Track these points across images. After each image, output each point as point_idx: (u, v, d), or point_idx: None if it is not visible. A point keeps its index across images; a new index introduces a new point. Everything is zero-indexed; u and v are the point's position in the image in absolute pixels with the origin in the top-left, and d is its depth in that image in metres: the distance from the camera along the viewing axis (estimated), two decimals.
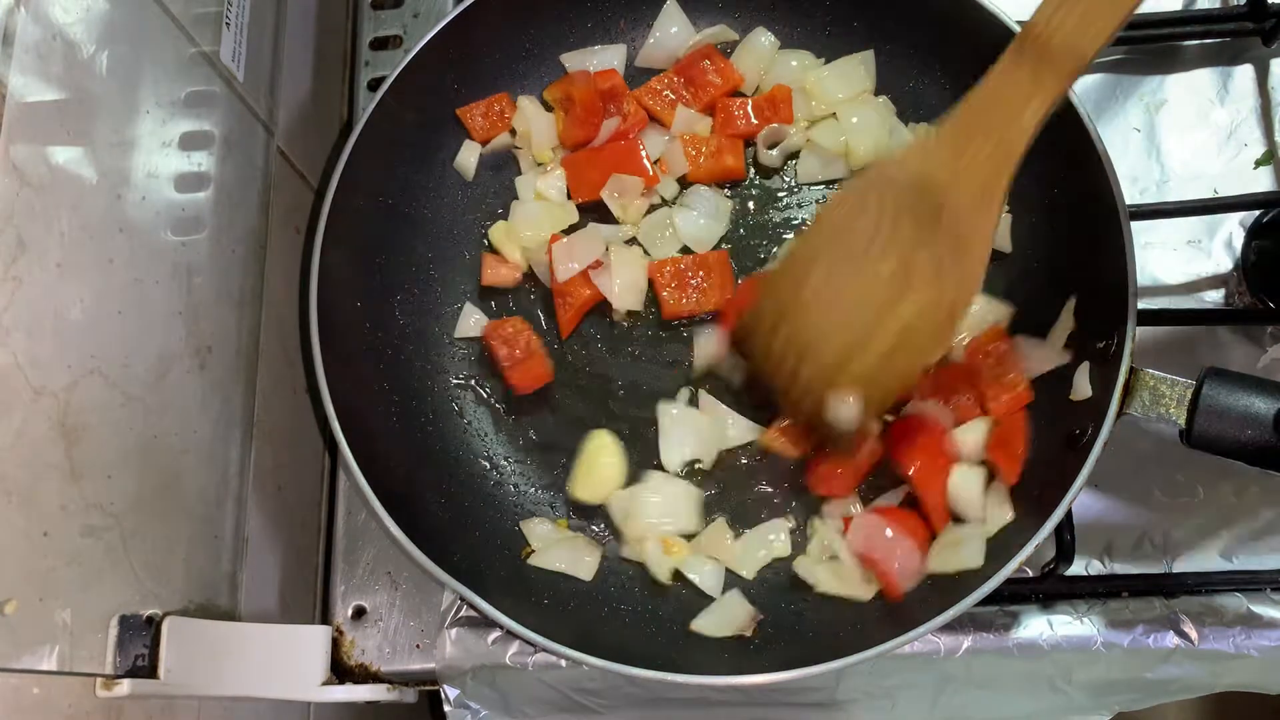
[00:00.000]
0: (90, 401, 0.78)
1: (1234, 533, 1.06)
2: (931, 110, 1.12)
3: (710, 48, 1.15)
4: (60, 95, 0.77)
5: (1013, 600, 1.04)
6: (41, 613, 0.72)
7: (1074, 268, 1.01)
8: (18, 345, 0.71)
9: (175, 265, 0.92)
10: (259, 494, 1.05)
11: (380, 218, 1.10)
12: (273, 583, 1.08)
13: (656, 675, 0.89)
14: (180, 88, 0.94)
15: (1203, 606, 1.02)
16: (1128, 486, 1.07)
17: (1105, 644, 1.01)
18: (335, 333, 1.01)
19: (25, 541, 0.71)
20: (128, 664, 0.80)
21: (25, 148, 0.72)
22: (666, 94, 1.15)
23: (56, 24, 0.77)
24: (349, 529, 1.13)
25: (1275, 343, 1.09)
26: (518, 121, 1.16)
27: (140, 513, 0.84)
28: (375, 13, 1.28)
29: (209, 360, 0.97)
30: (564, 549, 1.04)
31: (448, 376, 1.12)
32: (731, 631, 0.99)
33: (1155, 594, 1.03)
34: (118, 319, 0.83)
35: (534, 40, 1.17)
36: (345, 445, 0.96)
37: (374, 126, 1.06)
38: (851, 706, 1.07)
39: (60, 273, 0.75)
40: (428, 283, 1.13)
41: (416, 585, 1.10)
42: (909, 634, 0.87)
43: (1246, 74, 1.18)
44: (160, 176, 0.90)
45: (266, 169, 1.11)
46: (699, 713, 1.08)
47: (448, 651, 1.05)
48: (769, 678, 0.90)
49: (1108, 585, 1.04)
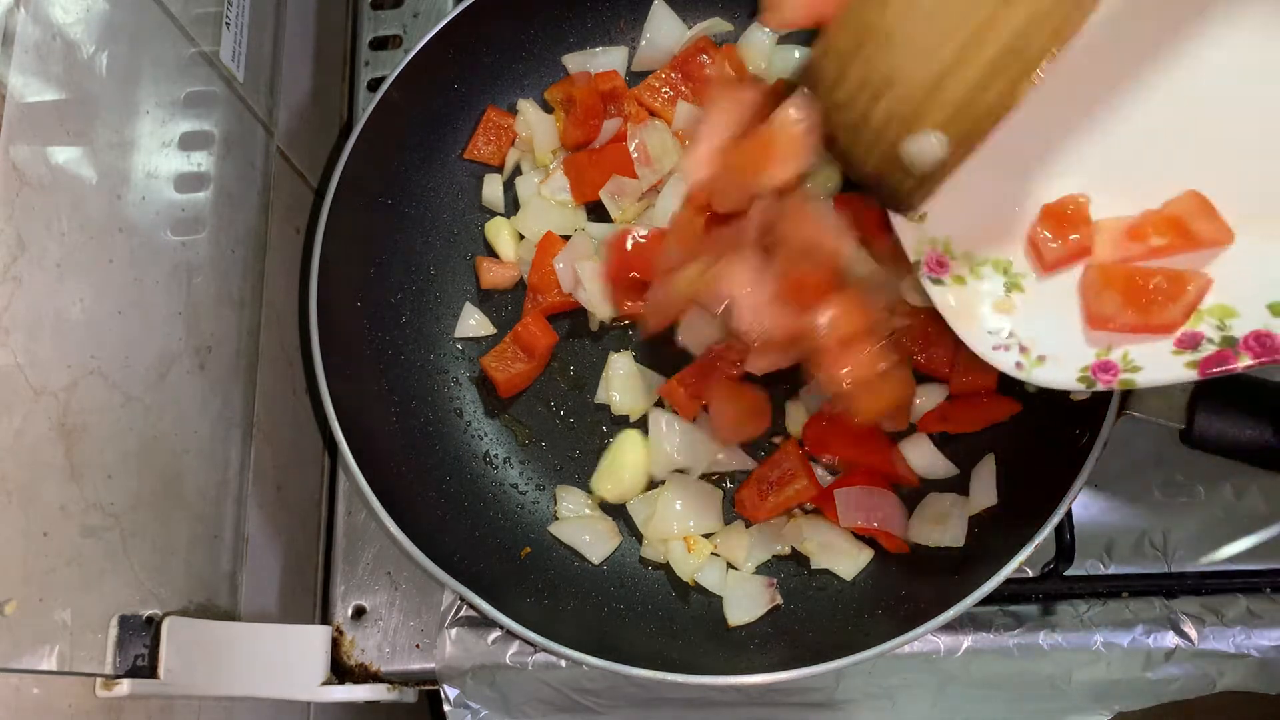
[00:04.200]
0: (90, 401, 0.78)
1: (1234, 533, 1.06)
2: None
3: (706, 40, 1.15)
4: (60, 95, 0.77)
5: (1013, 600, 1.04)
6: (41, 613, 0.72)
7: None
8: (18, 345, 0.71)
9: (175, 265, 0.92)
10: (259, 494, 1.05)
11: (380, 218, 1.10)
12: (273, 583, 1.08)
13: (656, 675, 0.89)
14: (180, 88, 0.94)
15: (1203, 606, 1.02)
16: (1128, 486, 1.07)
17: (1105, 644, 1.01)
18: (335, 333, 1.01)
19: (25, 541, 0.71)
20: (128, 664, 0.79)
21: (25, 148, 0.72)
22: (665, 91, 1.15)
23: (56, 24, 0.77)
24: (349, 529, 1.13)
25: None
26: (520, 126, 1.16)
27: (140, 513, 0.84)
28: (375, 13, 1.28)
29: (209, 360, 0.97)
30: (586, 527, 1.05)
31: (448, 376, 1.12)
32: (765, 609, 1.00)
33: (1155, 594, 1.04)
34: (117, 319, 0.83)
35: (534, 40, 1.17)
36: (345, 445, 0.96)
37: (374, 126, 1.06)
38: (851, 706, 1.07)
39: (60, 273, 0.75)
40: (427, 283, 1.13)
41: (416, 585, 1.10)
42: (909, 634, 0.87)
43: None
44: (160, 176, 0.90)
45: (266, 169, 1.11)
46: (699, 713, 1.08)
47: (447, 651, 1.05)
48: (769, 678, 0.90)
49: (1108, 585, 1.04)
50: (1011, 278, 0.79)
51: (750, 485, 1.02)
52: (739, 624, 1.00)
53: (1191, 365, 0.72)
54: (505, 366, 1.09)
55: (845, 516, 1.00)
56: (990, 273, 0.80)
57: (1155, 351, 0.74)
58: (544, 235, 1.12)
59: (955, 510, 1.00)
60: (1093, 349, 0.76)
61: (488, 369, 1.09)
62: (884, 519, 0.99)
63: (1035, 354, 0.77)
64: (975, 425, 1.02)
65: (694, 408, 1.04)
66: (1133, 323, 0.74)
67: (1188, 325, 0.73)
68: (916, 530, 1.01)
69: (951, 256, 0.80)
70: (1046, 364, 0.77)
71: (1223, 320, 0.73)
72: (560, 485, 1.08)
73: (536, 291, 1.11)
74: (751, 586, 1.01)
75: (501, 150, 1.17)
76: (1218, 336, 0.72)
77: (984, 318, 0.79)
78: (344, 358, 1.02)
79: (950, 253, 0.80)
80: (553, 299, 1.10)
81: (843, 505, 1.00)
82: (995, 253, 0.80)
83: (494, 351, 1.10)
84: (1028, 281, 0.79)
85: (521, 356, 1.09)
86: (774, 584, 1.01)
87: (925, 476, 1.03)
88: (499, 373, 1.08)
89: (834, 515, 1.00)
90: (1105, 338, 0.76)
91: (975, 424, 1.02)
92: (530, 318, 1.09)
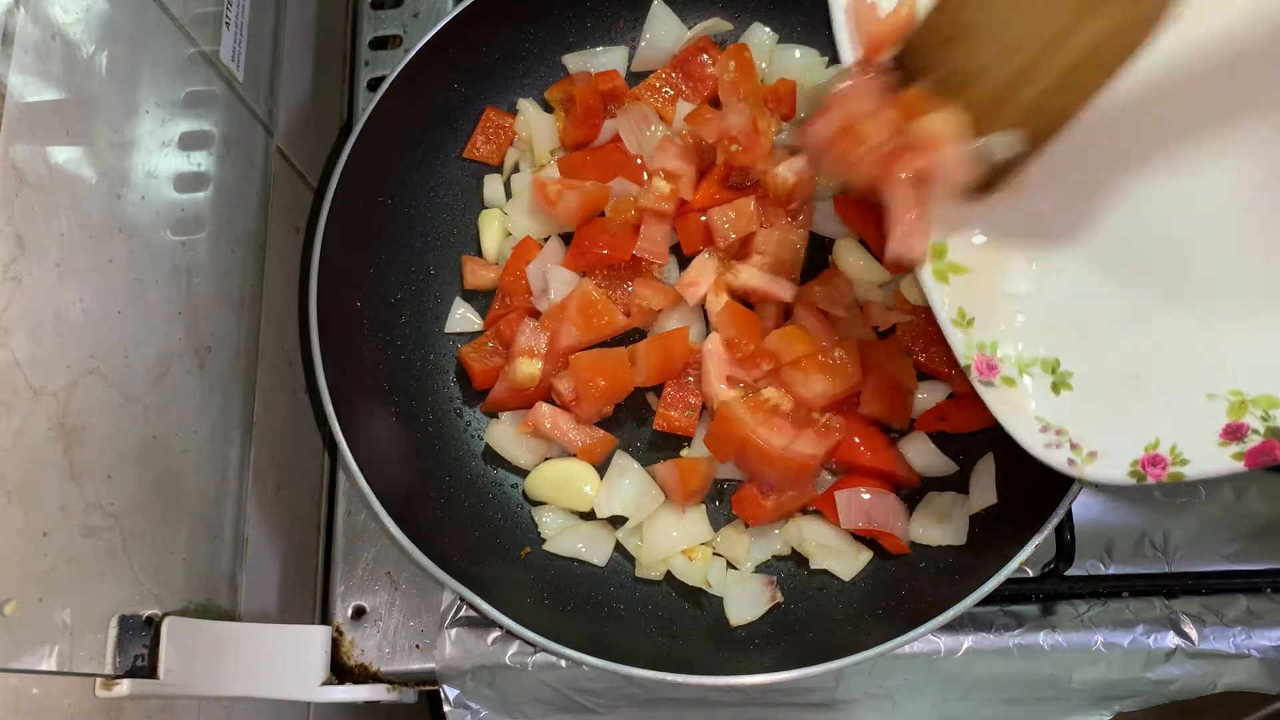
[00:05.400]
0: (90, 401, 0.78)
1: (1234, 533, 1.06)
2: None
3: (706, 40, 1.15)
4: (60, 95, 0.77)
5: (1013, 600, 1.04)
6: (41, 613, 0.72)
7: None
8: (18, 345, 0.71)
9: (175, 265, 0.92)
10: (259, 494, 1.05)
11: (380, 218, 1.10)
12: (273, 583, 1.08)
13: (656, 675, 0.89)
14: (180, 88, 0.94)
15: (1203, 606, 1.02)
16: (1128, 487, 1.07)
17: (1105, 644, 1.01)
18: (335, 333, 1.01)
19: (25, 541, 0.71)
20: (127, 664, 0.79)
21: (25, 148, 0.72)
22: (665, 90, 1.15)
23: (56, 24, 0.77)
24: (349, 529, 1.13)
25: None
26: (520, 126, 1.16)
27: (140, 513, 0.84)
28: (375, 13, 1.28)
29: (208, 360, 0.97)
30: (578, 534, 1.05)
31: (448, 376, 1.12)
32: (766, 607, 1.00)
33: (1155, 594, 1.04)
34: (117, 319, 0.83)
35: (534, 40, 1.17)
36: (345, 445, 0.96)
37: (374, 126, 1.06)
38: (851, 706, 1.07)
39: (60, 273, 0.75)
40: (427, 282, 1.13)
41: (416, 585, 1.10)
42: (909, 634, 0.87)
43: None
44: (160, 176, 0.90)
45: (266, 169, 1.11)
46: (699, 713, 1.08)
47: (447, 651, 1.05)
48: (769, 678, 0.90)
49: (1108, 585, 1.04)
50: (1059, 376, 0.81)
51: (750, 487, 1.02)
52: (741, 623, 1.00)
53: (1238, 456, 0.74)
54: (483, 359, 1.08)
55: (846, 518, 0.99)
56: (1039, 372, 0.82)
57: (1202, 443, 0.75)
58: (521, 240, 1.12)
59: (956, 508, 1.00)
60: (1140, 443, 0.77)
61: (465, 359, 1.09)
62: (885, 520, 0.99)
63: (1086, 450, 0.79)
64: (975, 425, 1.02)
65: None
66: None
67: (1231, 416, 0.74)
68: (918, 529, 1.01)
69: (999, 359, 0.82)
70: (1098, 461, 0.78)
71: (1268, 411, 0.74)
72: (533, 507, 1.08)
73: (506, 294, 1.11)
74: (752, 585, 1.01)
75: (501, 150, 1.17)
76: (1263, 427, 0.73)
77: (1034, 417, 0.81)
78: (344, 358, 1.02)
79: (998, 355, 0.82)
80: (520, 304, 1.10)
81: (843, 507, 1.00)
82: (1042, 352, 0.82)
83: (474, 343, 1.10)
84: (1075, 379, 0.81)
85: (500, 351, 1.09)
86: (774, 582, 1.01)
87: (925, 474, 1.03)
88: (476, 363, 1.08)
89: (834, 516, 1.00)
90: (1151, 428, 0.77)
91: (975, 424, 1.02)
92: (515, 314, 1.09)
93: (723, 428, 1.00)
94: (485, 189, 1.16)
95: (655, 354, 1.03)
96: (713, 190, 1.08)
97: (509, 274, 1.11)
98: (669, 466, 1.03)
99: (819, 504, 1.02)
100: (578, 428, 1.05)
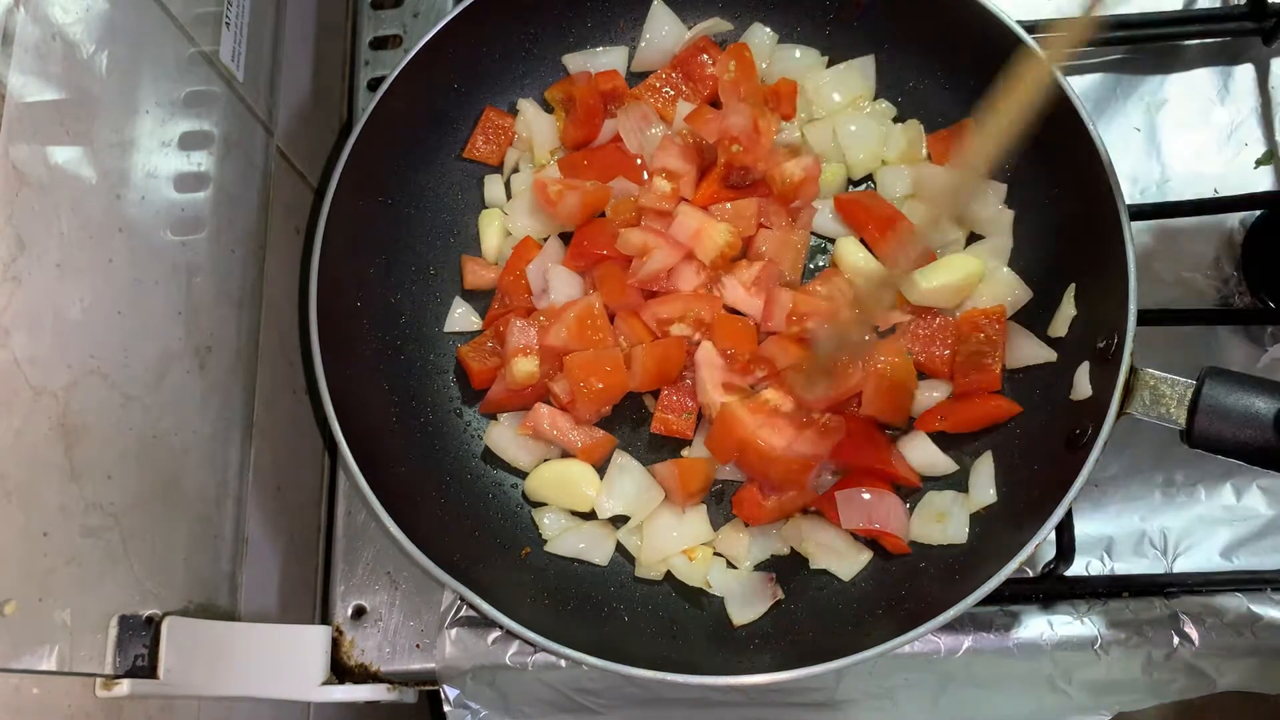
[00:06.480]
0: (90, 401, 0.78)
1: (1234, 533, 1.06)
2: (931, 110, 1.13)
3: (706, 40, 1.15)
4: (60, 95, 0.77)
5: (1013, 600, 1.04)
6: (41, 613, 0.72)
7: (1074, 267, 1.01)
8: (18, 345, 0.71)
9: (175, 265, 0.92)
10: (259, 494, 1.05)
11: (380, 218, 1.10)
12: (273, 583, 1.08)
13: (656, 675, 0.89)
14: (180, 88, 0.94)
15: (1203, 606, 1.02)
16: (1128, 486, 1.07)
17: (1105, 644, 1.01)
18: (335, 333, 1.01)
19: (25, 541, 0.71)
20: (127, 664, 0.79)
21: (25, 148, 0.72)
22: (666, 90, 1.15)
23: (56, 24, 0.77)
24: (349, 529, 1.13)
25: (1275, 343, 1.09)
26: (520, 126, 1.16)
27: (140, 513, 0.84)
28: (375, 13, 1.28)
29: (208, 360, 0.97)
30: (580, 535, 1.04)
31: (447, 376, 1.12)
32: (767, 605, 1.00)
33: (1155, 594, 1.03)
34: (117, 319, 0.83)
35: (534, 40, 1.17)
36: (345, 445, 0.96)
37: (374, 126, 1.06)
38: (851, 706, 1.07)
39: (60, 272, 0.75)
40: (427, 282, 1.13)
41: (416, 585, 1.10)
42: (909, 634, 0.87)
43: (1247, 74, 1.18)
44: (160, 176, 0.90)
45: (266, 169, 1.11)
46: (699, 713, 1.08)
47: (447, 651, 1.05)
48: (769, 678, 0.90)
49: (1108, 585, 1.04)
50: None
51: (750, 487, 1.02)
52: (743, 623, 1.00)
53: None
54: (482, 359, 1.08)
55: (846, 518, 0.99)
56: None
57: None
58: (521, 240, 1.12)
59: (956, 507, 1.00)
60: None
61: (464, 359, 1.09)
62: (885, 520, 0.99)
63: None
64: (975, 426, 1.02)
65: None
66: None
67: None
68: (918, 528, 1.01)
69: None
70: None
71: None
72: (533, 508, 1.08)
73: (506, 294, 1.11)
74: (752, 583, 1.01)
75: (501, 150, 1.17)
76: None
77: None
78: (344, 358, 1.02)
79: None
80: (519, 304, 1.10)
81: (844, 507, 0.99)
82: None
83: (473, 343, 1.10)
84: None
85: (499, 351, 1.09)
86: (773, 579, 1.01)
87: (925, 473, 1.03)
88: (475, 363, 1.08)
89: (834, 516, 1.00)
90: None
91: (975, 424, 1.02)
92: (515, 314, 1.09)
93: (724, 429, 1.00)
94: (485, 189, 1.16)
95: (652, 359, 1.03)
96: (713, 190, 1.08)
97: (509, 274, 1.11)
98: (669, 466, 1.03)
99: (819, 504, 1.02)
100: (577, 428, 1.05)
